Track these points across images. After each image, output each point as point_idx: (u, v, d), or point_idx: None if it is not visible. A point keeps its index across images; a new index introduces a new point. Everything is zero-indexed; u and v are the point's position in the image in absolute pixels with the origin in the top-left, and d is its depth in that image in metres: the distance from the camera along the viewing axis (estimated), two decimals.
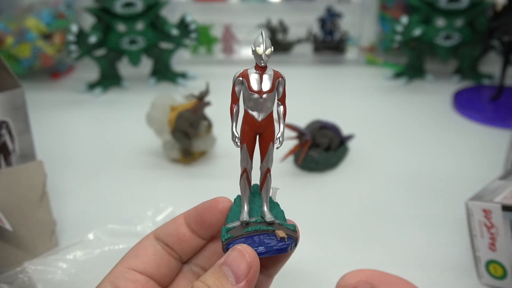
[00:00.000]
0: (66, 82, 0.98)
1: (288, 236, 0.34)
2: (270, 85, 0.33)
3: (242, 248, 0.32)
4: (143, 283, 0.34)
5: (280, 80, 0.33)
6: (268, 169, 0.35)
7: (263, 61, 0.33)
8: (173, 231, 0.36)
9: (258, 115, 0.34)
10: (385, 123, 0.83)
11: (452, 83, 0.95)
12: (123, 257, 0.36)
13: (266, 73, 0.33)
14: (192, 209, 0.37)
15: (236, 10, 1.09)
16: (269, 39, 0.33)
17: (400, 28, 0.91)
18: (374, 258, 0.55)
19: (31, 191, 0.53)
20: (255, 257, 0.32)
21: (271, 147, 0.34)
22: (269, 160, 0.35)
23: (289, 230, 0.34)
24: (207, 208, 0.36)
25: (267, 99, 0.33)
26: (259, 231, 0.34)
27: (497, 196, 0.50)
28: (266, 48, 0.32)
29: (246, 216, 0.35)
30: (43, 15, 0.93)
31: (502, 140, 0.72)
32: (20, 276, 0.49)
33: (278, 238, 0.33)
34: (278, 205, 0.37)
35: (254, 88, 0.33)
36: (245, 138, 0.34)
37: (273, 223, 0.35)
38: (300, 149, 0.69)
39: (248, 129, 0.34)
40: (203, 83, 0.70)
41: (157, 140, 0.73)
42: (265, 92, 0.33)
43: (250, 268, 0.31)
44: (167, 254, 0.36)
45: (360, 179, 0.69)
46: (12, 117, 0.53)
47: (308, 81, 1.01)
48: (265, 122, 0.34)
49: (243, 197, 0.36)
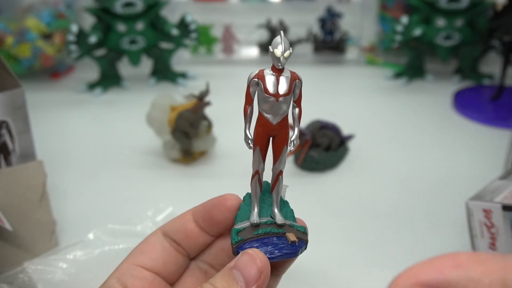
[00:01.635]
0: (66, 82, 0.98)
1: (299, 239, 0.33)
2: (287, 88, 0.32)
3: (254, 252, 0.32)
4: (150, 280, 0.34)
5: (297, 82, 0.33)
6: (281, 171, 0.35)
7: (280, 63, 0.31)
8: (180, 227, 0.36)
9: (273, 118, 0.33)
10: (385, 123, 0.83)
11: (452, 83, 0.95)
12: (130, 254, 0.36)
13: (283, 75, 0.32)
14: (199, 205, 0.37)
15: (236, 10, 1.09)
16: (288, 41, 0.31)
17: (400, 28, 0.91)
18: (374, 258, 0.55)
19: (31, 191, 0.53)
20: (266, 262, 0.32)
21: (285, 150, 0.34)
22: (281, 163, 0.34)
23: (300, 232, 0.34)
24: (214, 205, 0.36)
25: (283, 102, 0.32)
26: (269, 233, 0.34)
27: (497, 196, 0.50)
28: (285, 50, 0.31)
29: (257, 218, 0.34)
30: (43, 15, 0.93)
31: (502, 140, 0.72)
32: (20, 276, 0.49)
33: (289, 242, 0.33)
34: (287, 204, 0.36)
35: (271, 91, 0.32)
36: (258, 141, 0.33)
37: (283, 225, 0.34)
38: (300, 149, 0.69)
39: (262, 131, 0.33)
40: (203, 83, 0.70)
41: (157, 140, 0.73)
42: (282, 96, 0.32)
43: (261, 273, 0.31)
44: (174, 251, 0.36)
45: (360, 179, 0.69)
46: (12, 117, 0.53)
47: (308, 81, 1.00)
48: (280, 125, 0.33)
49: (254, 198, 0.35)
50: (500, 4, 0.91)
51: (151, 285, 0.34)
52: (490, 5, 0.91)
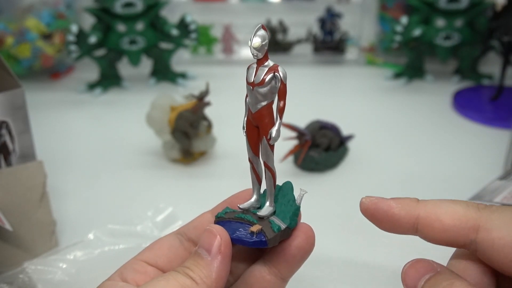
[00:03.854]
0: (66, 82, 0.98)
1: (259, 231, 0.34)
2: (261, 78, 0.33)
3: (211, 227, 0.33)
4: (151, 275, 0.34)
5: (276, 74, 0.33)
6: (265, 164, 0.35)
7: (252, 54, 0.33)
8: (198, 224, 0.37)
9: (252, 107, 0.34)
10: (385, 123, 0.83)
11: (452, 83, 0.95)
12: (140, 251, 0.36)
13: (264, 65, 0.33)
14: (218, 204, 0.38)
15: (236, 10, 1.09)
16: (263, 32, 0.32)
17: (400, 28, 0.91)
18: (374, 258, 0.55)
19: (31, 191, 0.53)
20: (223, 232, 0.33)
21: (263, 141, 0.34)
22: (264, 155, 0.35)
23: (269, 229, 0.34)
24: (237, 198, 0.37)
25: (257, 91, 0.33)
26: (243, 219, 0.35)
27: (497, 196, 0.50)
28: (254, 41, 0.32)
29: (246, 205, 0.36)
30: (43, 15, 0.93)
31: (502, 140, 0.72)
32: (20, 276, 0.49)
33: (249, 231, 0.34)
34: (294, 207, 0.36)
35: (248, 80, 0.34)
36: (247, 128, 0.35)
37: (262, 219, 0.35)
38: (300, 149, 0.69)
39: (248, 120, 0.35)
40: (203, 83, 0.70)
41: (157, 140, 0.73)
42: (256, 85, 0.33)
43: (220, 240, 0.32)
44: (183, 250, 0.36)
45: (360, 179, 0.69)
46: (12, 117, 0.53)
47: (308, 81, 1.01)
48: (258, 115, 0.34)
49: (253, 186, 0.37)
50: (499, 5, 0.91)
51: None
52: (489, 5, 0.91)
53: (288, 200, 0.37)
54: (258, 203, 0.36)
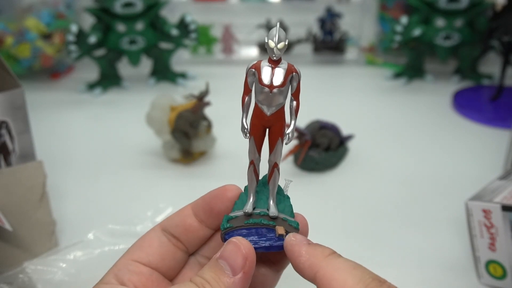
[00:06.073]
0: (66, 82, 0.98)
1: (287, 233, 0.33)
2: (282, 79, 0.32)
3: (237, 240, 0.32)
4: (147, 276, 0.34)
5: (294, 75, 0.33)
6: (276, 164, 0.35)
7: (275, 55, 0.32)
8: (180, 221, 0.36)
9: (267, 110, 0.33)
10: (385, 123, 0.83)
11: (451, 83, 0.95)
12: (128, 250, 0.36)
13: (280, 66, 0.32)
14: (199, 199, 0.37)
15: (236, 10, 1.09)
16: (284, 32, 0.32)
17: (399, 28, 0.91)
18: (374, 258, 0.55)
19: (31, 191, 0.53)
20: (250, 249, 0.32)
21: (279, 142, 0.34)
22: (276, 155, 0.35)
23: (291, 227, 0.34)
24: (215, 196, 0.36)
25: (277, 93, 0.32)
26: (259, 224, 0.34)
27: (497, 196, 0.50)
28: (279, 41, 0.31)
29: (250, 208, 0.35)
30: (43, 15, 0.93)
31: (502, 140, 0.72)
32: (20, 276, 0.49)
33: (277, 235, 0.33)
34: (288, 199, 0.36)
35: (265, 82, 0.32)
36: (253, 131, 0.34)
37: (276, 218, 0.34)
38: (300, 149, 0.69)
39: (257, 122, 0.33)
40: (203, 83, 0.70)
41: (157, 140, 0.73)
42: (276, 87, 0.32)
43: (246, 260, 0.31)
44: (172, 246, 0.36)
45: (360, 179, 0.69)
46: (12, 117, 0.53)
47: (308, 81, 1.00)
48: (274, 117, 0.33)
49: (250, 188, 0.35)
50: (499, 5, 0.91)
51: (148, 280, 0.34)
52: (489, 5, 0.91)
53: (277, 192, 0.36)
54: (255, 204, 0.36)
